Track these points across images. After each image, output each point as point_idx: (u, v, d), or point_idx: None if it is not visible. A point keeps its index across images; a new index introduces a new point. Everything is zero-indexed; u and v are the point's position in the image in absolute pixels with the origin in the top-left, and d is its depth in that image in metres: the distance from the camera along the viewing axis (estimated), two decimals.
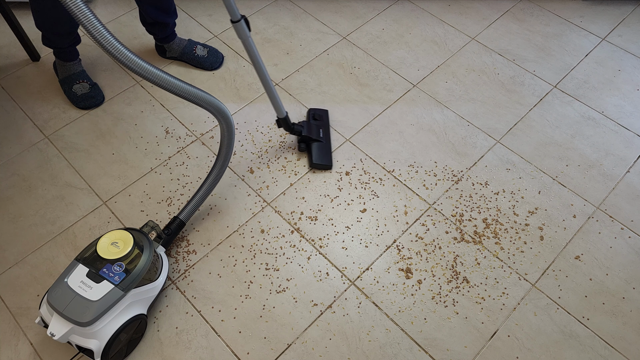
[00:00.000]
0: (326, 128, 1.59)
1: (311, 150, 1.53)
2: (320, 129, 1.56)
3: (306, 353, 1.22)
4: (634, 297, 1.30)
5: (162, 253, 1.27)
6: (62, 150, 1.59)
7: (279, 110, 1.41)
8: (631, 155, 1.56)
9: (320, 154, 1.52)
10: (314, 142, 1.54)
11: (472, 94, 1.73)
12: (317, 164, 1.51)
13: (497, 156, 1.57)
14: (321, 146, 1.54)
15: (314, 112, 1.63)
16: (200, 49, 1.79)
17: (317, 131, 1.55)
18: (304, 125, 1.53)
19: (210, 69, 1.79)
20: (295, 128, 1.50)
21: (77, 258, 1.12)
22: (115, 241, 1.11)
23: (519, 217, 1.44)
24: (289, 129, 1.49)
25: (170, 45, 1.78)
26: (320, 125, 1.58)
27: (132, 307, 1.14)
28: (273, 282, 1.33)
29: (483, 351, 1.22)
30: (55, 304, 1.06)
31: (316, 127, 1.56)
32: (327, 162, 1.52)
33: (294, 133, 1.51)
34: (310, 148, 1.53)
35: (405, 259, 1.37)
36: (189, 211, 1.33)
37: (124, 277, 1.09)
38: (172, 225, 1.31)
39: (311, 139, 1.53)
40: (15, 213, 1.46)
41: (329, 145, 1.56)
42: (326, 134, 1.57)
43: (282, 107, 1.41)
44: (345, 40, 1.90)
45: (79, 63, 1.72)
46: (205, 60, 1.79)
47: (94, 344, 1.08)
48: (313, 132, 1.54)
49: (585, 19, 1.95)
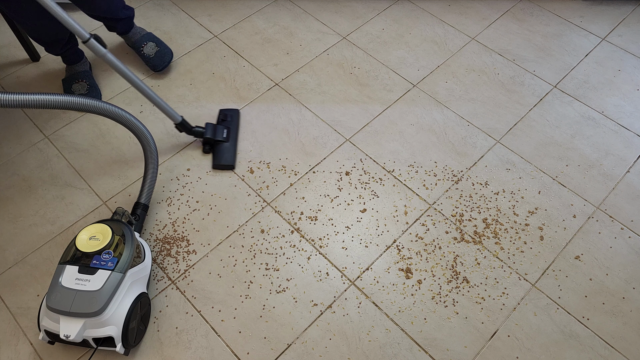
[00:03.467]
0: (234, 128, 1.59)
1: (214, 152, 1.54)
2: (224, 130, 1.56)
3: (306, 353, 1.22)
4: (634, 297, 1.30)
5: (137, 237, 1.28)
6: (62, 150, 1.59)
7: (173, 117, 1.44)
8: (631, 155, 1.56)
9: (221, 155, 1.53)
10: (219, 144, 1.54)
11: (472, 94, 1.73)
12: (218, 164, 1.52)
13: (497, 156, 1.57)
14: (225, 147, 1.54)
15: (225, 112, 1.63)
16: (149, 47, 1.75)
17: (221, 132, 1.55)
18: (207, 127, 1.54)
19: (153, 70, 1.76)
20: (196, 130, 1.52)
21: (61, 262, 1.13)
22: (93, 235, 1.13)
23: (519, 217, 1.44)
24: (190, 132, 1.51)
25: (126, 37, 1.76)
26: (226, 125, 1.59)
27: (134, 287, 1.17)
28: (273, 282, 1.33)
29: (483, 351, 1.22)
30: (58, 306, 1.06)
31: (221, 128, 1.56)
32: (228, 162, 1.52)
33: (196, 135, 1.53)
34: (214, 149, 1.55)
35: (405, 259, 1.37)
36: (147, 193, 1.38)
37: (116, 261, 1.11)
38: (138, 211, 1.36)
39: (215, 140, 1.54)
40: (15, 213, 1.46)
41: (234, 145, 1.56)
42: (232, 134, 1.57)
43: (175, 113, 1.44)
44: (345, 40, 1.90)
45: (84, 63, 1.73)
46: (150, 59, 1.75)
47: (111, 330, 1.10)
48: (216, 134, 1.54)
49: (585, 19, 1.96)
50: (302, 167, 1.55)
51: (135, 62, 1.82)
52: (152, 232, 1.41)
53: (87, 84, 1.69)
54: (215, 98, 1.72)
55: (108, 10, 1.60)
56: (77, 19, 2.02)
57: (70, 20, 1.16)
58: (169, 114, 1.42)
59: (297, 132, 1.63)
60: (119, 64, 1.27)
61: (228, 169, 1.53)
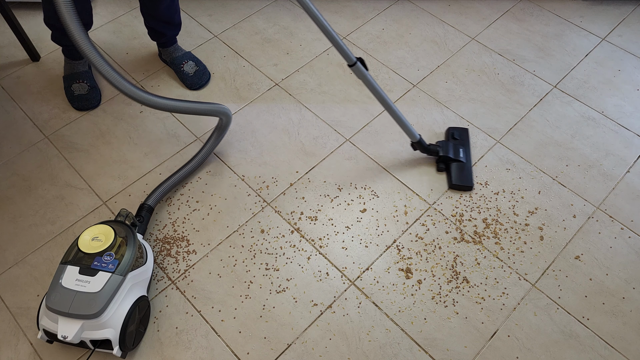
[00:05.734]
0: (467, 147, 1.56)
1: (450, 171, 1.50)
2: (460, 148, 1.53)
3: (306, 353, 1.22)
4: (634, 297, 1.30)
5: (140, 239, 1.28)
6: (62, 150, 1.59)
7: (411, 134, 1.42)
8: (631, 155, 1.56)
9: (459, 174, 1.49)
10: (454, 162, 1.51)
11: (472, 94, 1.73)
12: (458, 184, 1.47)
13: (497, 156, 1.57)
14: (462, 166, 1.51)
15: (453, 130, 1.59)
16: (189, 66, 1.75)
17: (458, 151, 1.52)
18: (443, 145, 1.52)
19: (190, 88, 1.74)
20: (431, 148, 1.50)
21: (63, 262, 1.12)
22: (96, 236, 1.13)
23: (519, 217, 1.44)
24: (425, 151, 1.49)
25: (167, 50, 1.77)
26: (459, 144, 1.55)
27: (134, 290, 1.16)
28: (273, 282, 1.33)
29: (483, 351, 1.22)
30: (57, 307, 1.06)
31: (456, 146, 1.53)
32: (468, 182, 1.48)
33: (431, 154, 1.51)
34: (450, 168, 1.51)
35: (405, 259, 1.37)
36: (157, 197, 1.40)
37: (117, 263, 1.11)
38: (143, 212, 1.36)
39: (450, 158, 1.51)
40: (15, 213, 1.46)
41: (469, 164, 1.52)
42: (467, 154, 1.54)
43: (414, 131, 1.42)
44: (346, 40, 1.90)
45: (85, 63, 1.72)
46: (188, 78, 1.74)
47: (109, 333, 1.09)
48: (454, 153, 1.51)
49: (585, 19, 1.95)
50: (302, 167, 1.55)
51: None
52: (152, 232, 1.42)
53: (87, 84, 1.69)
54: (215, 98, 1.72)
55: (167, 12, 1.61)
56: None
57: None
58: (409, 131, 1.41)
59: (297, 132, 1.63)
60: (377, 85, 1.30)
61: (467, 190, 1.49)
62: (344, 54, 1.22)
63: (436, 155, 1.52)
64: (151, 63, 1.82)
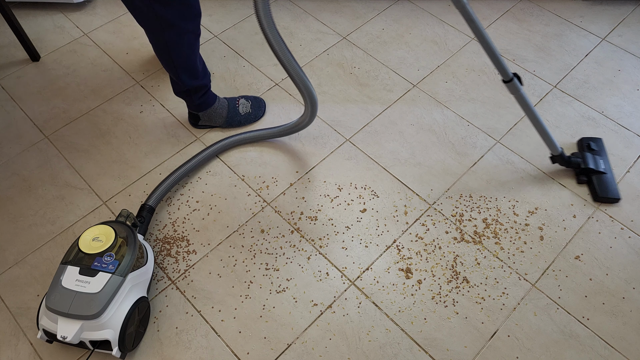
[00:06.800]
0: (606, 158, 1.53)
1: (593, 183, 1.47)
2: (601, 160, 1.50)
3: (306, 353, 1.22)
4: (634, 297, 1.30)
5: (141, 239, 1.28)
6: (62, 150, 1.59)
7: (553, 147, 1.41)
8: (631, 155, 1.56)
9: (606, 187, 1.46)
10: (595, 174, 1.48)
11: (472, 94, 1.73)
12: (605, 197, 1.45)
13: (497, 156, 1.57)
14: (606, 178, 1.48)
15: (588, 141, 1.55)
16: (243, 105, 1.61)
17: (600, 162, 1.49)
18: (585, 157, 1.49)
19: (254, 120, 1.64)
20: (573, 160, 1.48)
21: (63, 262, 1.12)
22: (96, 236, 1.13)
23: (519, 217, 1.44)
24: (565, 164, 1.48)
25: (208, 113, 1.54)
26: (597, 154, 1.53)
27: (134, 291, 1.16)
28: (273, 282, 1.33)
29: (483, 351, 1.22)
30: (57, 307, 1.06)
31: (597, 158, 1.50)
32: (615, 194, 1.45)
33: (570, 166, 1.49)
34: (592, 180, 1.48)
35: (405, 259, 1.37)
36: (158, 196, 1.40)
37: (117, 264, 1.11)
38: (143, 213, 1.36)
39: (592, 170, 1.47)
40: (15, 213, 1.46)
41: (611, 175, 1.49)
42: (607, 164, 1.51)
43: (556, 144, 1.41)
44: (345, 40, 1.90)
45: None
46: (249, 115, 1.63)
47: (108, 334, 1.09)
48: (597, 165, 1.48)
49: (585, 19, 1.95)
50: (302, 167, 1.55)
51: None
52: (152, 232, 1.42)
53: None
54: None
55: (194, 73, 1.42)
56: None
57: None
58: (552, 143, 1.39)
59: None
60: (530, 102, 1.30)
61: (614, 202, 1.46)
62: (500, 69, 1.19)
63: (577, 168, 1.49)
64: (151, 63, 1.82)
